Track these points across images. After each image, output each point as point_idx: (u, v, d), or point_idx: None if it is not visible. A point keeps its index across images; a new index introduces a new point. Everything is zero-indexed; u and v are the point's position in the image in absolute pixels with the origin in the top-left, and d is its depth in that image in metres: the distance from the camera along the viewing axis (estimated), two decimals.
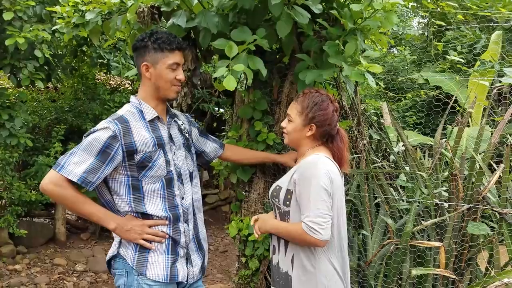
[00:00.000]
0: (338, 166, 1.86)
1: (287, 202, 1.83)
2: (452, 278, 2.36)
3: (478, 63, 5.38)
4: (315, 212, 1.69)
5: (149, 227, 1.87)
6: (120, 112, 1.91)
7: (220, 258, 5.83)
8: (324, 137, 1.89)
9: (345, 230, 1.90)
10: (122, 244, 1.91)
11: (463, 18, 5.64)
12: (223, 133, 6.30)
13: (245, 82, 2.68)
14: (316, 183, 1.71)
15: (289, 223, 1.83)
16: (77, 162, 1.76)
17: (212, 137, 2.33)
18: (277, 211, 1.91)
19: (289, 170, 2.46)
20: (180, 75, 1.94)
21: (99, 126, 1.83)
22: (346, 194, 2.58)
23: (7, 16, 3.76)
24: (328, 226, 1.70)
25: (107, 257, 1.98)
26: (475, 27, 6.24)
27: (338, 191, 1.80)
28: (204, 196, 2.10)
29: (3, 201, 5.23)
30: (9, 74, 4.43)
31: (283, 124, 1.96)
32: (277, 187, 1.90)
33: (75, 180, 1.74)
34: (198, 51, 2.40)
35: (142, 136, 1.86)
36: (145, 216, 1.89)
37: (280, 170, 2.53)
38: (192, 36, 2.29)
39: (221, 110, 7.43)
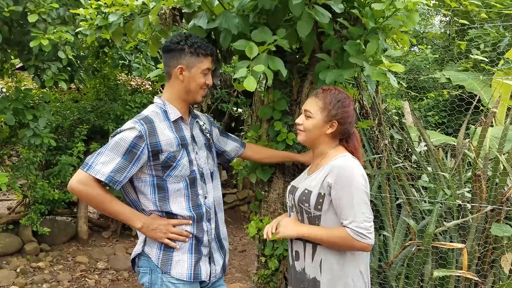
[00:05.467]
0: None
1: (319, 207, 1.77)
2: (475, 280, 2.32)
3: (502, 61, 5.26)
4: (361, 217, 1.66)
5: (174, 226, 1.90)
6: (145, 112, 1.94)
7: (239, 258, 5.84)
8: (342, 136, 1.87)
9: None
10: (147, 243, 1.94)
11: (486, 17, 5.53)
12: (242, 133, 6.32)
13: (264, 82, 2.68)
14: (357, 187, 1.69)
15: (327, 228, 1.76)
16: (104, 162, 1.78)
17: (233, 136, 2.34)
18: (305, 215, 1.83)
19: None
20: (209, 79, 1.99)
21: (125, 126, 1.85)
22: None
23: (32, 18, 3.82)
24: (373, 229, 1.68)
25: (132, 255, 2.01)
26: (498, 25, 6.11)
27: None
28: (222, 196, 2.12)
29: (27, 199, 5.35)
30: (33, 75, 4.51)
31: (299, 120, 1.89)
32: (306, 191, 1.81)
33: (103, 179, 1.77)
34: (218, 51, 2.42)
35: (166, 136, 1.88)
36: (170, 215, 1.91)
37: (299, 170, 2.52)
38: (213, 37, 2.31)
39: (240, 110, 7.46)
